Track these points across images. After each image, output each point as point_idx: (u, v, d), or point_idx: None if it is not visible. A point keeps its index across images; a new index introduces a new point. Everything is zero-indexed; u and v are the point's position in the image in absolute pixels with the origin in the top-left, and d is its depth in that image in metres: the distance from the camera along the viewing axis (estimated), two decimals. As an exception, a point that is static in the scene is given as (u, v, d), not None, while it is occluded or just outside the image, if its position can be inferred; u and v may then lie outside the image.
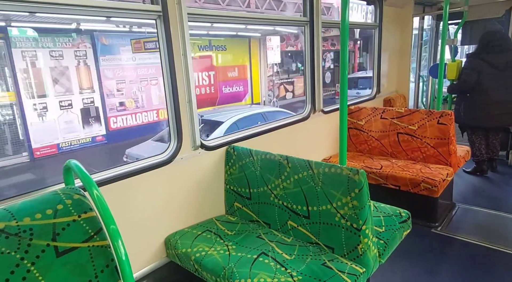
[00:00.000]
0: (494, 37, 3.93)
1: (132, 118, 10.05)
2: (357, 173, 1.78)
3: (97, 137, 9.40)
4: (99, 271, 1.36)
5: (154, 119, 10.43)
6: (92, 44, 9.09)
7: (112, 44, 9.52)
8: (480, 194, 3.83)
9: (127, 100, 9.89)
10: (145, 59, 10.05)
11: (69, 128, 8.82)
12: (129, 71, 9.88)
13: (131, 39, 9.48)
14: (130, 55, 9.74)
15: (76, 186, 1.50)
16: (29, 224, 1.29)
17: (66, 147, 8.82)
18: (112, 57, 9.52)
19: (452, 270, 2.56)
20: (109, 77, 9.46)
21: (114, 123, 9.71)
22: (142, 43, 9.23)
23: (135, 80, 9.98)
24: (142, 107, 10.26)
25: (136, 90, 10.04)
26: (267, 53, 12.45)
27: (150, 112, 10.41)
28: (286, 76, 15.72)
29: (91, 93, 9.14)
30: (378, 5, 4.36)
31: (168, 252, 2.24)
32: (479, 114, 3.97)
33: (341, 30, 2.01)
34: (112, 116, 9.66)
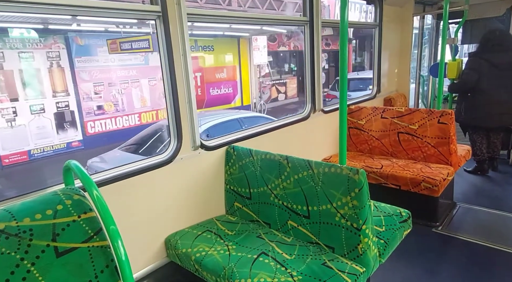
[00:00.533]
0: (494, 36, 3.93)
1: (112, 123, 9.54)
2: (357, 173, 1.78)
3: (72, 143, 8.90)
4: (99, 271, 1.36)
5: (136, 123, 9.91)
6: (66, 44, 8.57)
7: (88, 45, 9.02)
8: (481, 193, 3.82)
9: (106, 103, 9.40)
10: (126, 60, 9.59)
11: (41, 133, 8.30)
12: (108, 73, 9.39)
13: (107, 40, 8.95)
14: (109, 57, 9.25)
15: (76, 187, 1.51)
16: (29, 224, 1.29)
17: (38, 154, 8.31)
18: (89, 58, 9.01)
19: (452, 270, 2.56)
20: (86, 80, 8.98)
21: (91, 128, 9.21)
22: (118, 43, 8.64)
23: (114, 82, 9.48)
24: (123, 111, 9.74)
25: (115, 93, 9.55)
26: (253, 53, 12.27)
27: (131, 116, 9.91)
28: (278, 77, 15.39)
29: (66, 96, 8.64)
30: (378, 4, 4.36)
31: (168, 252, 2.24)
32: (480, 114, 3.96)
33: (341, 30, 2.01)
34: (90, 120, 9.17)
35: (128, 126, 9.78)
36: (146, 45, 8.34)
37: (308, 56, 3.31)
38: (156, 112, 10.43)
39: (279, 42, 14.96)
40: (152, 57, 10.10)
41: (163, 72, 2.18)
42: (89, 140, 9.17)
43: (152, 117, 10.38)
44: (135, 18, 2.17)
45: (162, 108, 10.36)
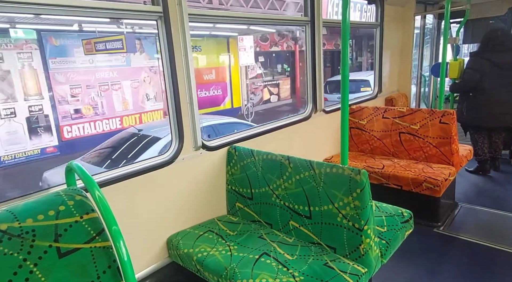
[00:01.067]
0: (495, 35, 3.91)
1: (91, 127, 9.02)
2: (358, 173, 1.78)
3: (47, 149, 8.34)
4: (101, 272, 1.36)
5: (118, 127, 9.29)
6: (39, 45, 8.03)
7: (64, 45, 8.47)
8: (482, 193, 3.81)
9: (84, 107, 8.90)
10: (105, 61, 9.06)
11: (12, 139, 7.75)
12: (86, 75, 8.87)
13: (82, 40, 8.36)
14: (87, 58, 8.71)
15: (78, 187, 1.51)
16: (32, 225, 1.29)
17: (9, 161, 7.79)
18: (64, 59, 8.45)
19: (454, 270, 2.55)
20: (62, 82, 8.42)
21: (68, 132, 8.67)
22: (93, 44, 8.07)
23: (93, 84, 8.97)
24: (103, 114, 9.21)
25: (94, 95, 9.05)
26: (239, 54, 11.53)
27: (112, 119, 9.35)
28: (271, 78, 14.95)
29: (40, 100, 8.10)
30: (380, 4, 4.35)
31: (170, 253, 2.25)
32: (481, 114, 3.95)
33: (342, 30, 2.01)
34: (66, 125, 8.63)
35: (108, 130, 9.22)
36: (119, 45, 7.74)
37: (309, 56, 3.31)
38: (139, 115, 9.96)
39: (271, 42, 14.48)
40: (135, 58, 9.67)
41: (164, 72, 2.18)
42: (66, 145, 8.62)
43: (135, 120, 9.85)
44: (136, 19, 2.17)
45: (145, 112, 10.06)
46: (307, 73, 3.39)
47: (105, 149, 5.07)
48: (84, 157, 5.11)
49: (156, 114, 10.38)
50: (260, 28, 12.62)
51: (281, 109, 14.21)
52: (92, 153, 5.11)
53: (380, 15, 4.38)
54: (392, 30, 4.70)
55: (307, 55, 3.32)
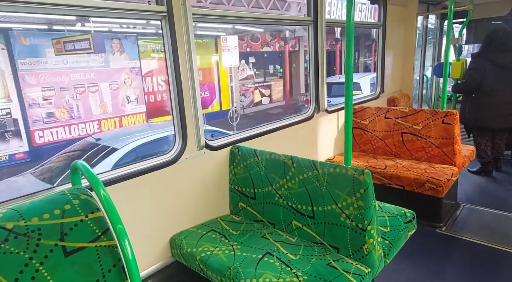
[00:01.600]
0: (497, 36, 3.91)
1: (66, 131, 8.35)
2: (362, 173, 1.78)
3: (16, 155, 7.71)
4: (106, 270, 1.37)
5: (95, 131, 8.77)
6: (6, 44, 7.47)
7: (34, 45, 7.90)
8: (485, 194, 3.81)
9: (58, 110, 8.26)
10: (81, 62, 8.46)
11: None
12: (60, 77, 8.22)
13: (52, 39, 7.80)
14: (60, 58, 8.08)
15: (83, 186, 1.52)
16: (38, 224, 1.30)
17: None
18: (35, 60, 7.84)
19: (457, 270, 2.55)
20: (32, 84, 7.83)
21: (40, 137, 8.01)
22: (62, 43, 7.58)
23: (67, 86, 8.37)
24: (79, 118, 8.61)
25: (69, 98, 8.42)
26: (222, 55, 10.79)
27: (89, 123, 8.75)
28: (262, 80, 14.30)
29: (7, 103, 7.54)
30: (382, 4, 4.35)
31: (173, 252, 2.25)
32: (484, 115, 3.94)
33: (347, 30, 2.01)
34: (38, 129, 7.99)
35: (85, 135, 8.60)
36: (87, 45, 7.32)
37: (312, 56, 3.31)
38: (119, 119, 9.30)
39: (262, 42, 13.93)
40: (114, 59, 9.06)
41: (168, 72, 2.18)
42: (37, 151, 7.95)
43: (115, 124, 9.20)
44: (141, 19, 2.18)
45: (126, 115, 9.44)
46: (309, 73, 3.39)
47: (53, 164, 4.47)
48: (33, 171, 4.52)
49: (138, 118, 9.76)
50: (248, 28, 12.23)
51: (272, 111, 13.74)
52: (40, 168, 4.49)
53: (383, 15, 4.38)
54: (395, 30, 4.70)
55: (310, 55, 3.32)
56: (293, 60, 15.50)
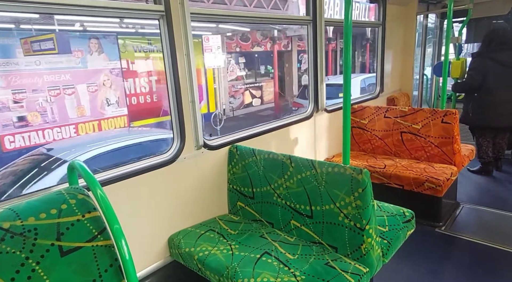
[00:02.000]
0: (497, 35, 3.90)
1: (39, 136, 7.83)
2: (360, 173, 1.77)
3: None
4: (103, 270, 1.37)
5: (72, 135, 8.28)
6: None
7: (3, 45, 7.44)
8: (484, 193, 3.80)
9: (30, 113, 7.71)
10: (55, 63, 7.94)
11: None
12: (32, 78, 7.68)
13: (20, 39, 7.28)
14: (32, 59, 7.57)
15: (80, 186, 1.51)
16: (34, 223, 1.30)
17: None
18: (5, 61, 7.36)
19: (456, 270, 2.55)
20: (1, 86, 7.35)
21: (10, 143, 7.48)
22: (29, 43, 7.12)
23: (41, 89, 7.87)
24: (54, 121, 8.08)
25: (42, 101, 7.88)
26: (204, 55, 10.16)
27: (65, 127, 8.19)
28: (253, 80, 13.75)
29: None
30: (382, 3, 4.34)
31: (171, 252, 2.25)
32: (489, 114, 3.92)
33: (345, 29, 2.00)
34: (8, 134, 7.47)
35: (61, 139, 8.20)
36: (51, 45, 6.87)
37: (311, 56, 3.30)
38: (98, 122, 8.79)
39: (253, 42, 13.38)
40: (92, 59, 8.57)
41: (166, 71, 2.18)
42: (8, 157, 7.24)
43: (93, 128, 8.69)
44: (139, 18, 2.17)
45: (106, 118, 8.92)
46: (309, 72, 3.38)
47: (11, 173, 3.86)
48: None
49: (119, 121, 9.16)
50: (235, 27, 11.90)
51: (263, 113, 13.23)
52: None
53: (382, 14, 4.37)
54: (394, 30, 4.69)
55: (309, 55, 3.32)
56: (286, 60, 15.18)
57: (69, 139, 8.10)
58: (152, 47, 9.89)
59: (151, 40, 9.87)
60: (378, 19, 4.44)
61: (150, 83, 9.83)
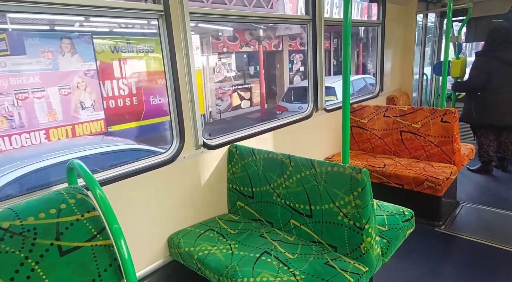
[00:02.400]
0: (500, 34, 3.90)
1: (5, 142, 7.39)
2: (360, 172, 1.77)
3: None
4: (102, 270, 1.37)
5: (42, 141, 7.85)
6: None
7: None
8: (484, 193, 3.80)
9: None
10: (23, 64, 7.64)
11: None
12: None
13: None
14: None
15: (79, 186, 1.51)
16: (33, 223, 1.30)
17: None
18: None
19: (456, 269, 2.55)
20: None
21: None
22: None
23: (6, 92, 7.47)
24: (22, 127, 7.67)
25: (8, 105, 7.44)
26: None
27: (34, 133, 7.76)
28: (242, 82, 13.35)
29: None
30: (381, 2, 4.34)
31: (171, 251, 2.25)
32: (493, 113, 3.91)
33: (344, 29, 2.00)
34: None
35: (30, 145, 7.74)
36: (3, 46, 6.54)
37: (310, 55, 3.30)
38: (72, 127, 8.27)
39: (241, 41, 12.95)
40: (64, 60, 8.14)
41: (165, 71, 2.18)
42: None
43: (66, 133, 8.20)
44: (137, 17, 2.17)
45: (80, 123, 8.45)
46: (308, 72, 3.38)
47: None
48: None
49: (95, 125, 8.66)
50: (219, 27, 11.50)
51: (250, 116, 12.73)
52: None
53: (382, 14, 4.37)
54: (394, 29, 4.69)
55: (308, 54, 3.32)
56: (278, 60, 14.83)
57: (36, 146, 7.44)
58: (131, 47, 9.25)
59: (130, 40, 9.27)
60: (377, 18, 4.44)
61: (129, 85, 9.11)
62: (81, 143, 6.08)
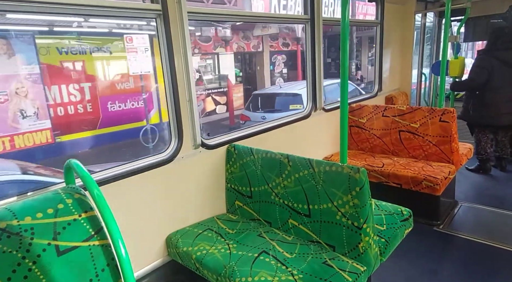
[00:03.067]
0: (503, 33, 3.90)
1: None
2: (358, 171, 1.77)
3: None
4: (100, 270, 1.36)
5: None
6: None
7: None
8: (483, 192, 3.81)
9: None
10: None
11: None
12: None
13: None
14: None
15: (76, 185, 1.51)
16: (30, 223, 1.30)
17: None
18: None
19: (454, 268, 2.55)
20: None
21: None
22: None
23: None
24: None
25: None
26: (128, 59, 8.02)
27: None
28: (217, 85, 12.24)
29: None
30: (380, 2, 4.34)
31: (169, 251, 2.25)
32: (490, 113, 3.92)
33: (342, 28, 2.00)
34: None
35: None
36: None
37: (309, 55, 3.30)
38: (11, 138, 7.21)
39: (215, 43, 12.02)
40: None
41: (163, 71, 2.17)
42: None
43: (3, 146, 7.15)
44: (135, 17, 2.18)
45: (20, 133, 7.38)
46: (307, 72, 3.38)
47: None
48: None
49: (39, 136, 7.59)
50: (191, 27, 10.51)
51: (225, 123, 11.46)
52: None
53: (381, 13, 4.37)
54: (393, 28, 4.69)
55: (307, 54, 3.32)
56: (258, 62, 14.00)
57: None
58: (83, 48, 8.11)
59: (84, 40, 8.15)
60: (376, 18, 4.44)
61: (82, 90, 8.08)
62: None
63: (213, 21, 8.38)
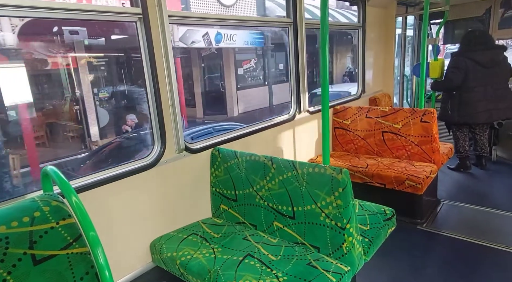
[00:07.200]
0: (474, 36, 4.04)
1: None
2: (340, 172, 1.79)
3: None
4: (78, 278, 1.33)
5: None
6: None
7: None
8: (464, 190, 3.90)
9: None
10: None
11: None
12: None
13: None
14: None
15: (54, 193, 1.47)
16: (5, 232, 1.26)
17: None
18: None
19: (437, 266, 2.60)
20: None
21: None
22: None
23: None
24: None
25: None
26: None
27: None
28: None
29: None
30: (361, 5, 4.42)
31: (153, 257, 2.22)
32: (468, 111, 4.04)
33: (321, 31, 2.03)
34: None
35: None
36: None
37: (292, 58, 3.32)
38: None
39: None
40: None
41: (145, 75, 2.15)
42: None
43: None
44: (115, 21, 2.16)
45: None
46: (290, 74, 3.40)
47: None
48: None
49: None
50: None
51: None
52: None
53: (362, 16, 4.44)
54: (374, 32, 4.78)
55: (290, 57, 3.34)
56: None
57: None
58: None
59: None
60: (358, 21, 4.51)
61: None
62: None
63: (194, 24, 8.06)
